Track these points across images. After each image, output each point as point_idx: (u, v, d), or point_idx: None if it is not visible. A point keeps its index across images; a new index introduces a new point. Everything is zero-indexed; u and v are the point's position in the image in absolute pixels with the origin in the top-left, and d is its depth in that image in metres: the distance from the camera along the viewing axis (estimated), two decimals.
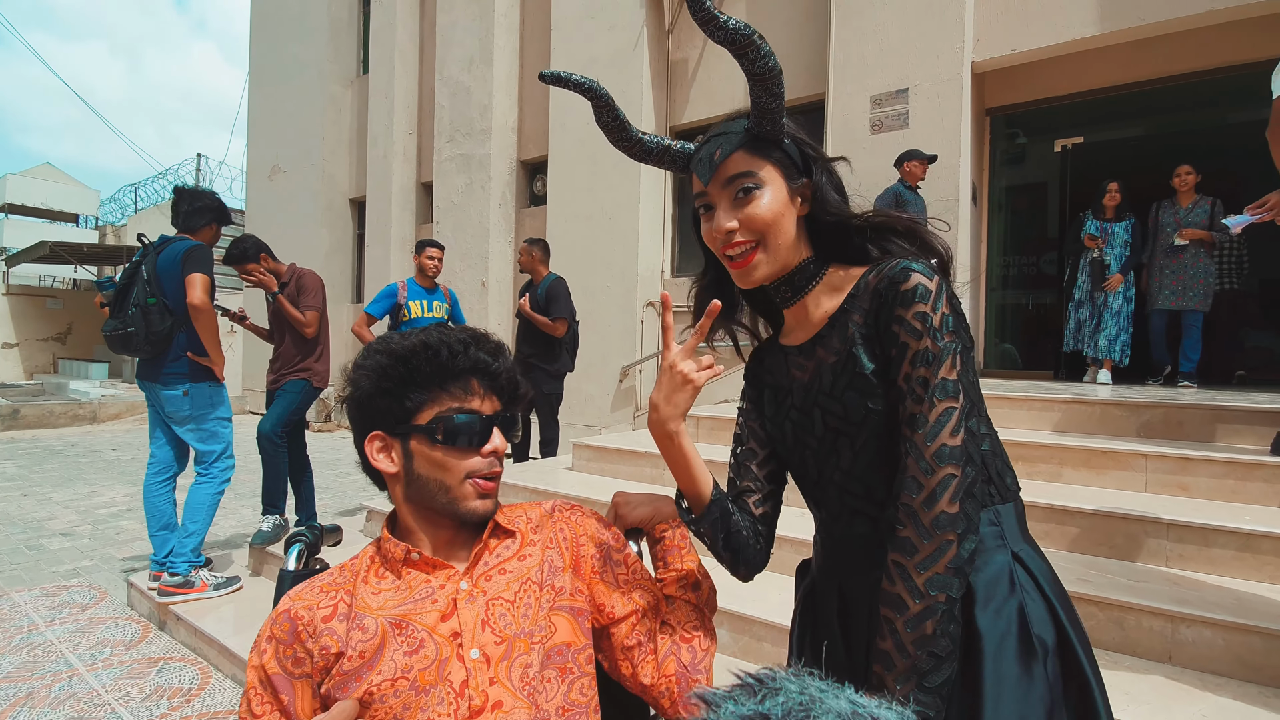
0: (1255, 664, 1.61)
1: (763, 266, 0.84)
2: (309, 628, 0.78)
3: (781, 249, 0.83)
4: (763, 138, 0.82)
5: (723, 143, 0.83)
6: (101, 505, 5.00)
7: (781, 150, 0.83)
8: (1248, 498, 2.17)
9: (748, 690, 0.39)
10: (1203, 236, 4.33)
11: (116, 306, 2.82)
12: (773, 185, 0.82)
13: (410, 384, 0.83)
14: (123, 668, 2.49)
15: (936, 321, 0.74)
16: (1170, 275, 4.44)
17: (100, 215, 21.04)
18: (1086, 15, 4.22)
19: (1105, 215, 4.65)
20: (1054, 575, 0.81)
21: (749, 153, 0.82)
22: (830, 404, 0.83)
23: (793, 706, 0.37)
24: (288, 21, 10.17)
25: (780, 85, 0.78)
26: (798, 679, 0.39)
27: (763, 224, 0.81)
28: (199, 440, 2.94)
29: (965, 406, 0.74)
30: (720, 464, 3.06)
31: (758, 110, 0.80)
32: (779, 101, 0.79)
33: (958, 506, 0.71)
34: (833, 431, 0.84)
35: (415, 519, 0.86)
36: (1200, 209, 4.39)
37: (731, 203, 0.82)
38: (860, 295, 0.82)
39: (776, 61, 0.77)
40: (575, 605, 0.86)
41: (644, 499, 1.02)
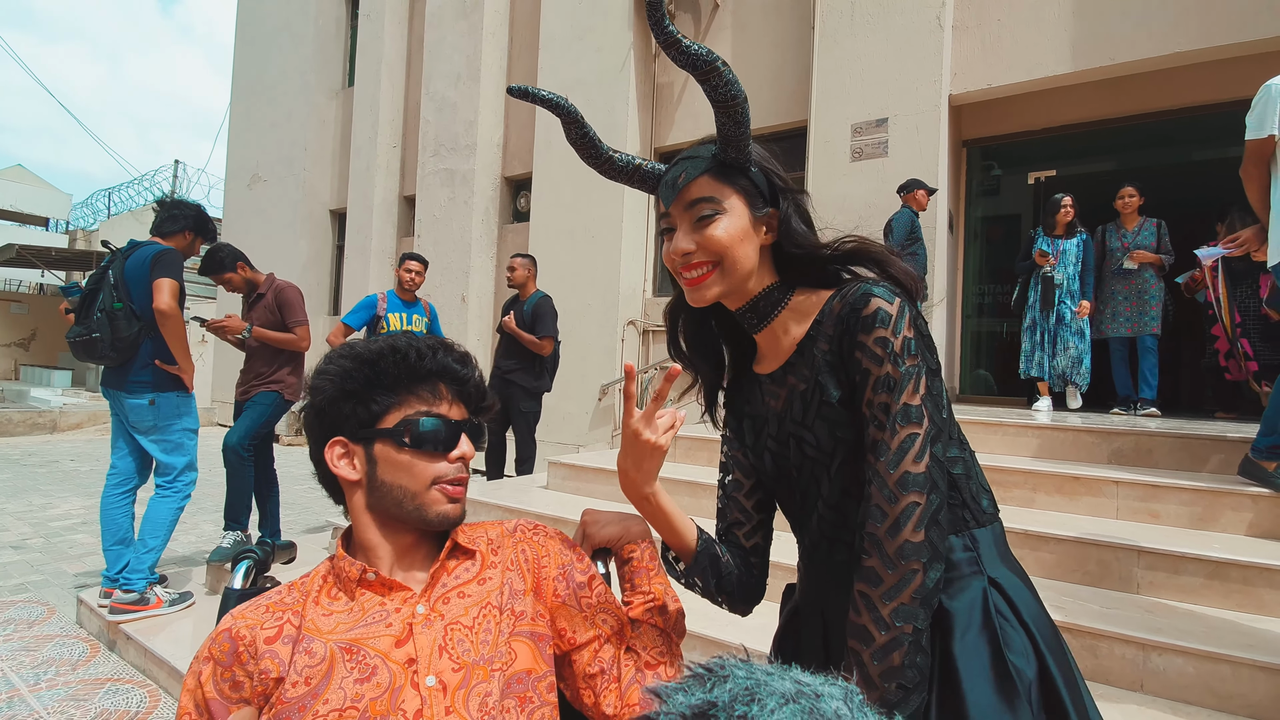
0: (1225, 693, 1.61)
1: (715, 286, 0.83)
2: (250, 648, 0.73)
3: (738, 273, 0.83)
4: (729, 164, 0.82)
5: (688, 166, 0.83)
6: (56, 518, 4.81)
7: (748, 178, 0.83)
8: (1216, 525, 2.20)
9: (698, 680, 0.40)
10: (1153, 260, 4.24)
11: (82, 312, 2.73)
12: (734, 212, 0.82)
13: (376, 387, 0.81)
14: (67, 688, 2.36)
15: (898, 346, 0.74)
16: (1123, 300, 4.34)
17: (71, 219, 20.60)
18: (1059, 54, 4.35)
19: (1057, 231, 4.52)
20: (1037, 602, 0.80)
21: (713, 178, 0.82)
22: (803, 434, 0.83)
23: (739, 691, 0.37)
24: (274, 31, 10.14)
25: (743, 113, 0.78)
26: (745, 665, 0.40)
27: (720, 247, 0.81)
28: (163, 452, 2.84)
29: (929, 431, 0.72)
30: (699, 484, 3.03)
31: (723, 137, 0.80)
32: (743, 130, 0.79)
33: (922, 535, 0.70)
34: (810, 460, 0.83)
35: (376, 529, 0.82)
36: (1147, 230, 4.32)
37: (691, 226, 0.82)
38: (825, 321, 0.81)
39: (740, 89, 0.77)
40: (536, 630, 0.82)
41: (613, 518, 0.99)
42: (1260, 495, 2.17)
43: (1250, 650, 1.62)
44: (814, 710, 0.36)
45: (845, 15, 4.81)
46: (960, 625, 0.74)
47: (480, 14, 7.06)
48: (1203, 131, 4.94)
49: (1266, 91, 2.25)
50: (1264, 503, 2.16)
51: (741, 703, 0.37)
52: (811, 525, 0.85)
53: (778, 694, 0.37)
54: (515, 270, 4.07)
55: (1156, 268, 4.25)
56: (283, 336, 3.23)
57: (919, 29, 4.56)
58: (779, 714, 0.36)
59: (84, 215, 19.05)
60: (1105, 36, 4.20)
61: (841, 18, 4.83)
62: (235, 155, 10.80)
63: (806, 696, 0.37)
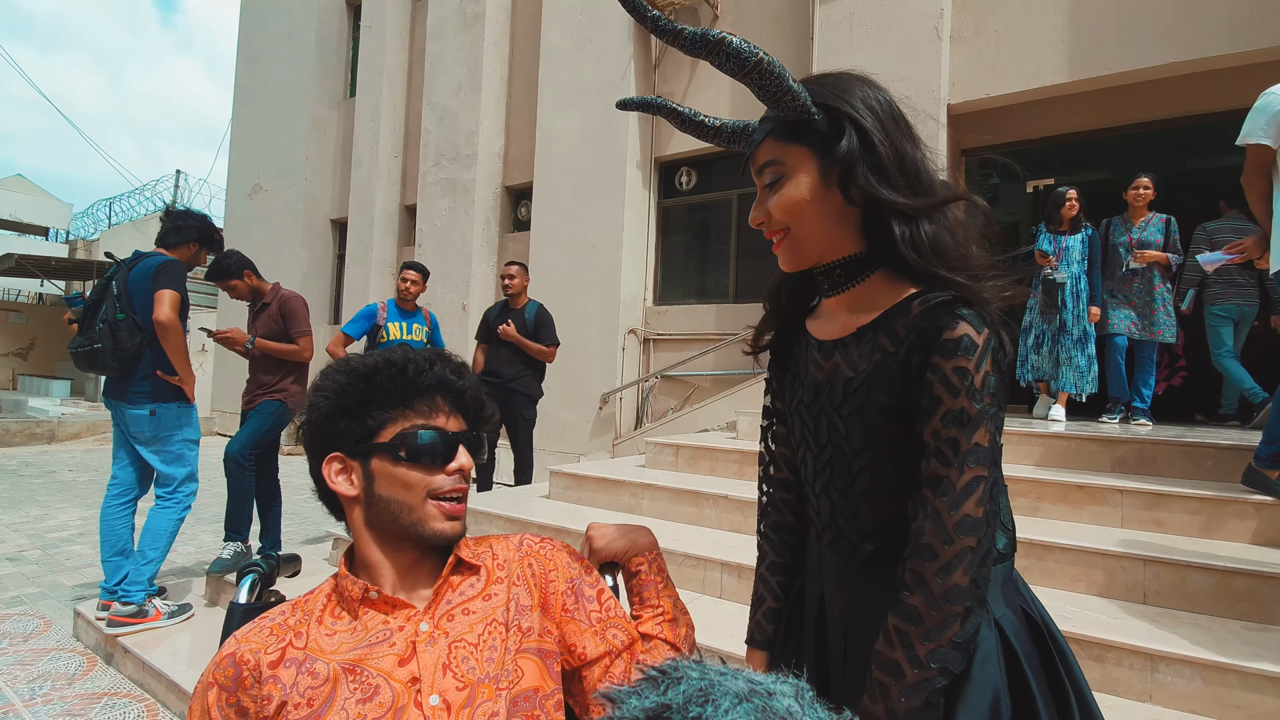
0: (1233, 703, 1.59)
1: (786, 254, 0.81)
2: (254, 673, 0.72)
3: (808, 239, 0.79)
4: (792, 121, 0.77)
5: (759, 129, 0.81)
6: (53, 529, 4.78)
7: (816, 129, 0.76)
8: (1221, 534, 2.19)
9: (652, 683, 0.40)
10: (1159, 259, 3.90)
11: (85, 323, 2.73)
12: (800, 172, 0.77)
13: (372, 402, 0.80)
14: (63, 703, 2.34)
15: (978, 381, 0.69)
16: (1125, 301, 4.01)
17: (72, 229, 20.62)
18: (1056, 63, 4.38)
19: (1061, 227, 4.17)
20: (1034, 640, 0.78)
21: (776, 139, 0.78)
22: (835, 419, 0.80)
23: (693, 693, 0.38)
24: (275, 41, 10.20)
25: (766, 74, 0.73)
26: (699, 666, 0.41)
27: (784, 213, 0.78)
28: (164, 463, 2.83)
29: (993, 476, 0.70)
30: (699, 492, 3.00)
31: (764, 101, 0.76)
32: (776, 87, 0.73)
33: (969, 580, 0.68)
34: (832, 445, 0.81)
35: (376, 545, 0.81)
36: (1154, 227, 3.98)
37: (763, 191, 0.81)
38: (897, 318, 0.75)
39: (754, 52, 0.72)
40: (544, 647, 0.81)
41: (619, 531, 0.97)
42: (1264, 503, 2.16)
43: (1258, 660, 1.61)
44: (766, 709, 0.37)
45: (844, 26, 4.85)
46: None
47: (481, 26, 7.11)
48: (1197, 140, 4.97)
49: (1267, 98, 2.25)
50: (1268, 510, 2.15)
51: (695, 704, 0.37)
52: (824, 508, 0.84)
53: (731, 694, 0.37)
54: (515, 278, 4.01)
55: (1163, 268, 3.93)
56: (285, 348, 3.22)
57: (917, 39, 4.60)
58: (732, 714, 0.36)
59: (85, 225, 19.07)
60: (1100, 46, 4.23)
61: (840, 29, 4.86)
62: (237, 165, 10.84)
63: (759, 695, 0.38)
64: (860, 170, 0.74)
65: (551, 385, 6.20)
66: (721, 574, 2.38)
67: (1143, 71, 4.17)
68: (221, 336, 3.21)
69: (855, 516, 0.80)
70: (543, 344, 3.98)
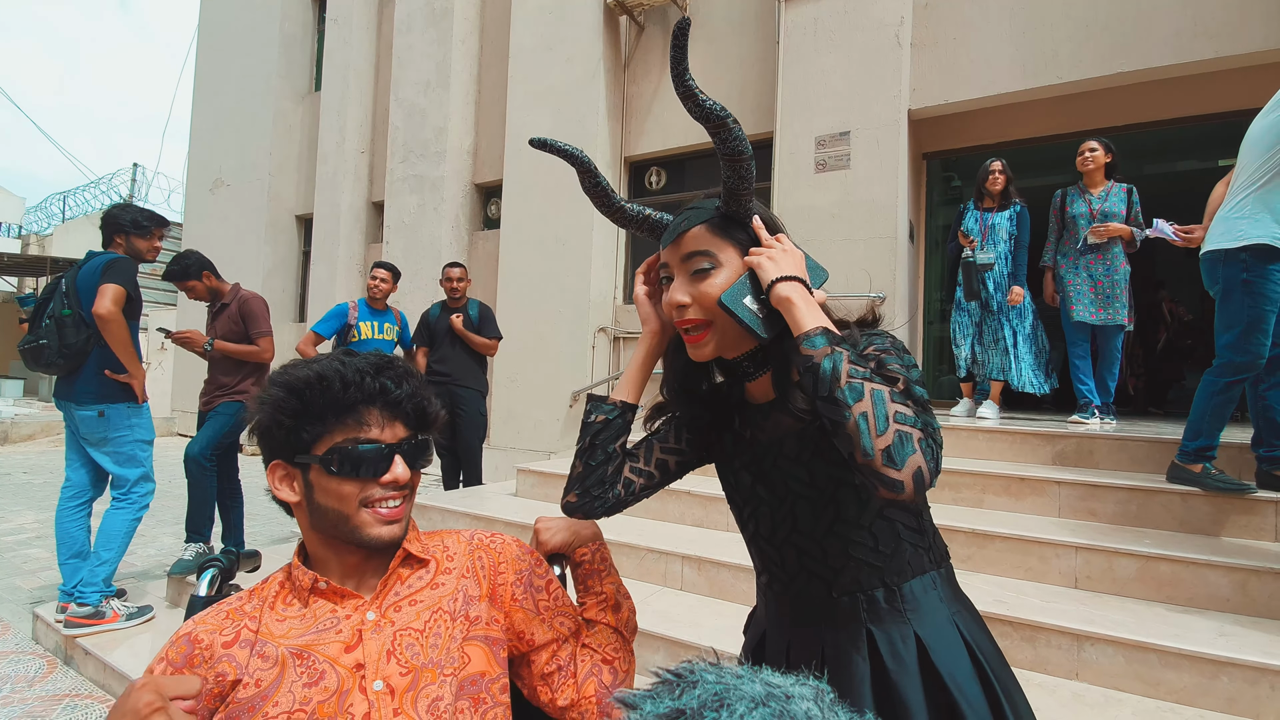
0: (1153, 680, 1.71)
1: (709, 345, 0.84)
2: (206, 651, 0.76)
3: (731, 331, 0.83)
4: (730, 218, 0.84)
5: (689, 216, 0.85)
6: (8, 532, 4.66)
7: (748, 234, 0.84)
8: (1149, 523, 2.33)
9: (667, 686, 0.40)
10: (1122, 233, 3.48)
11: (34, 321, 2.68)
12: (729, 266, 0.82)
13: (305, 416, 0.82)
14: (23, 705, 2.31)
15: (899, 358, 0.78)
16: (1087, 281, 3.56)
17: (24, 224, 19.86)
18: (1011, 71, 4.54)
19: (987, 203, 3.89)
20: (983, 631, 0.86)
21: (711, 231, 0.83)
22: (794, 469, 0.84)
23: (708, 698, 0.37)
24: (238, 33, 9.98)
25: (749, 169, 0.80)
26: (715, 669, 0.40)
27: (711, 303, 0.82)
28: (116, 464, 2.79)
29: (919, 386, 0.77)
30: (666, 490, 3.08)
31: (726, 189, 0.82)
32: (747, 185, 0.81)
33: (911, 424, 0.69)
34: (793, 495, 0.85)
35: (322, 546, 0.85)
36: (1116, 196, 3.58)
37: (688, 278, 0.84)
38: None
39: (747, 146, 0.80)
40: (490, 634, 0.86)
41: (563, 524, 1.03)
42: (1190, 494, 2.30)
43: (1176, 640, 1.73)
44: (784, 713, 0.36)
45: (808, 32, 4.95)
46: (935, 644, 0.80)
47: (450, 22, 7.06)
48: (1147, 147, 5.20)
49: None
50: (1193, 500, 2.29)
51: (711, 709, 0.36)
52: (789, 557, 0.87)
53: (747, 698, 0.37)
54: (462, 281, 4.05)
55: (1126, 242, 3.54)
56: (244, 349, 3.20)
57: (879, 46, 4.72)
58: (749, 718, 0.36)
59: (37, 219, 18.38)
60: (1052, 56, 4.40)
61: (805, 34, 4.96)
62: (197, 158, 10.58)
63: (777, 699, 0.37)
64: None
65: (521, 383, 6.23)
66: (682, 566, 2.45)
67: (1094, 80, 4.35)
68: (180, 337, 3.16)
69: (825, 554, 0.84)
70: (486, 338, 4.03)
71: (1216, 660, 1.65)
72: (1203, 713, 1.63)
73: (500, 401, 6.31)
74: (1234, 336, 2.18)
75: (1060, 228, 3.73)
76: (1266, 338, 2.13)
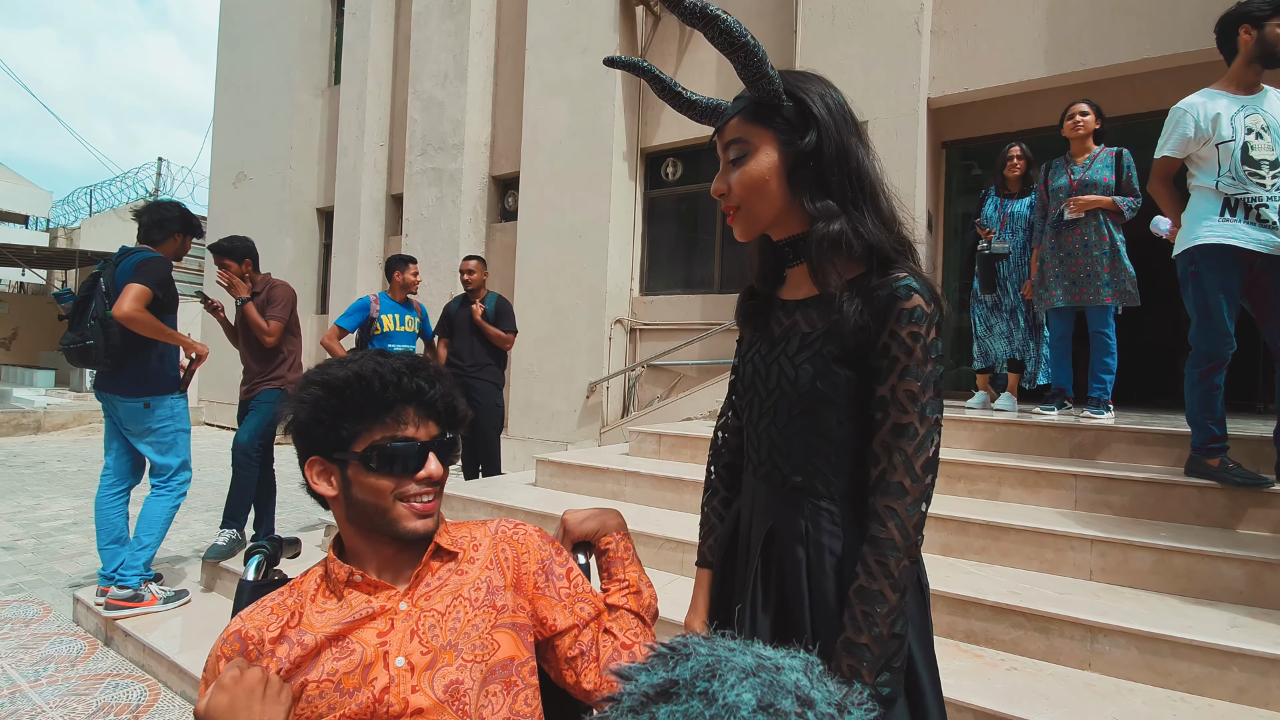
0: (1165, 670, 1.73)
1: (739, 226, 0.90)
2: (258, 647, 0.82)
3: (759, 214, 0.88)
4: (763, 103, 0.85)
5: (731, 107, 0.89)
6: (46, 518, 4.83)
7: (783, 115, 0.85)
8: (1166, 515, 2.33)
9: (661, 659, 0.41)
10: (1104, 204, 3.09)
11: (75, 319, 2.78)
12: (762, 153, 0.85)
13: (344, 415, 0.85)
14: (68, 684, 2.43)
15: (929, 344, 0.81)
16: (1064, 260, 3.20)
17: (52, 217, 20.30)
18: (1033, 59, 4.49)
19: (1009, 189, 3.69)
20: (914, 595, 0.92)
21: (745, 119, 0.86)
22: (786, 366, 0.90)
23: (700, 668, 0.39)
24: (258, 27, 10.09)
25: (750, 53, 0.80)
26: (708, 642, 0.41)
27: (742, 188, 0.86)
28: (158, 453, 2.91)
29: (938, 428, 0.82)
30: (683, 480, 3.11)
31: (742, 78, 0.83)
32: (757, 70, 0.81)
33: (926, 511, 0.81)
34: (779, 390, 0.90)
35: (358, 538, 0.89)
36: (1102, 163, 3.20)
37: (728, 165, 0.88)
38: (856, 289, 0.84)
39: (741, 33, 0.79)
40: (517, 621, 0.91)
41: (590, 514, 1.08)
42: (1207, 487, 2.30)
43: (1189, 631, 1.75)
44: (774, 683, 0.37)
45: (826, 20, 4.92)
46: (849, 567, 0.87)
47: (467, 14, 7.09)
48: None
49: (1175, 114, 2.43)
50: (1210, 494, 2.29)
51: (703, 679, 0.38)
52: (763, 446, 0.94)
53: (738, 669, 0.38)
54: (474, 273, 4.13)
55: (1113, 214, 3.13)
56: (259, 320, 3.28)
57: (898, 34, 4.68)
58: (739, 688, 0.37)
59: (65, 213, 18.78)
60: (1076, 42, 4.34)
61: (822, 22, 4.93)
62: (220, 152, 10.75)
63: (767, 670, 0.38)
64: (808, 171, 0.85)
65: (540, 374, 6.30)
66: None
67: (1118, 67, 4.28)
68: (228, 280, 3.28)
69: (789, 452, 0.91)
70: (503, 331, 4.10)
71: (1227, 651, 1.67)
72: (1212, 702, 1.65)
73: (518, 392, 6.39)
74: (1194, 327, 2.32)
75: (1044, 205, 3.42)
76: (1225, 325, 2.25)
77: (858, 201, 0.85)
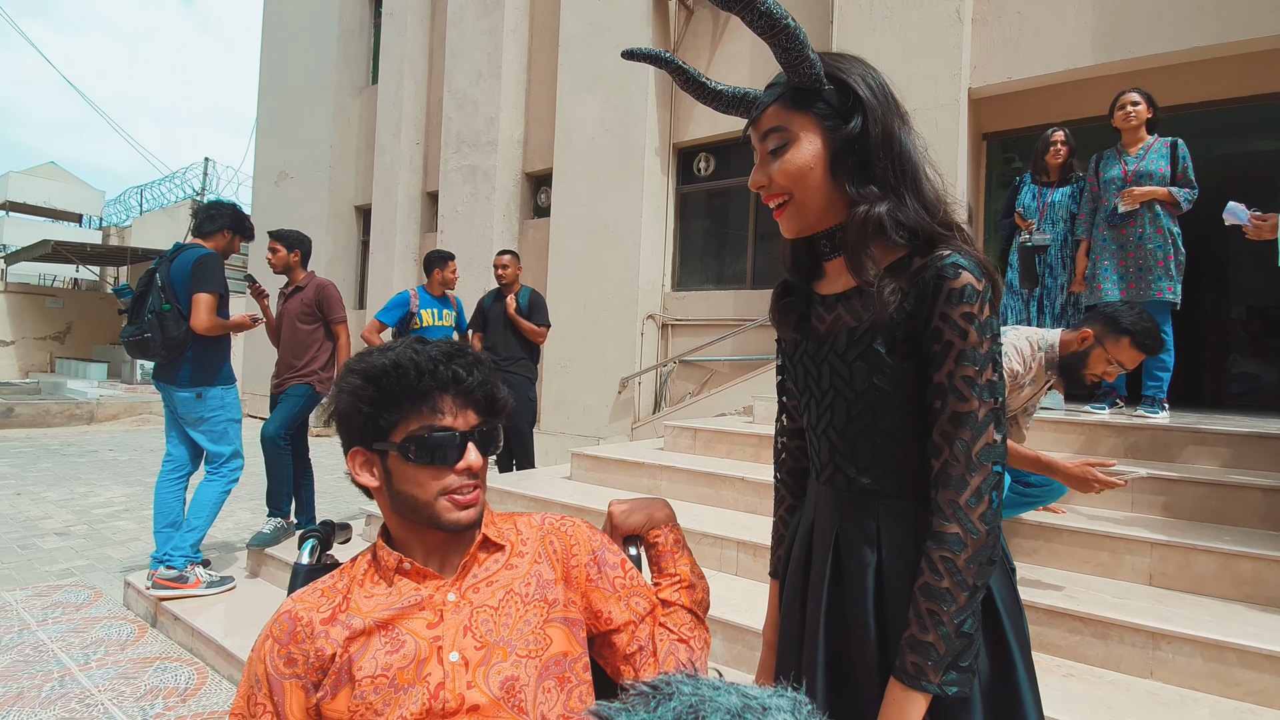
0: (1231, 680, 1.65)
1: (788, 221, 0.85)
2: (307, 629, 0.81)
3: (809, 204, 0.83)
4: (802, 88, 0.81)
5: (764, 96, 0.84)
6: (98, 505, 5.01)
7: (824, 100, 0.81)
8: (1229, 518, 2.22)
9: (643, 699, 0.39)
10: (1160, 195, 3.01)
11: (134, 313, 2.91)
12: (806, 139, 0.81)
13: (382, 404, 0.83)
14: (117, 667, 2.49)
15: (983, 324, 0.76)
16: (1116, 253, 3.11)
17: (105, 216, 21.12)
18: (1080, 47, 4.33)
19: (1050, 177, 3.53)
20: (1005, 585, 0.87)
21: (784, 106, 0.82)
22: (839, 365, 0.85)
23: (683, 710, 0.37)
24: (299, 30, 10.32)
25: (790, 38, 0.77)
26: (691, 681, 0.40)
27: (786, 179, 0.82)
28: (211, 441, 3.02)
29: (1001, 409, 0.77)
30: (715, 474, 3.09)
31: (781, 63, 0.80)
32: (796, 54, 0.78)
33: (995, 501, 0.75)
34: (834, 389, 0.86)
35: (404, 529, 0.88)
36: (1156, 154, 3.12)
37: (766, 157, 0.84)
38: (899, 273, 0.80)
39: (781, 15, 0.76)
40: (569, 616, 0.89)
41: (638, 505, 1.05)
42: (1273, 489, 2.19)
43: (1256, 639, 1.66)
44: None
45: (863, 9, 4.82)
46: None
47: (501, 12, 7.14)
48: (1225, 125, 4.88)
49: None
50: (1276, 497, 2.18)
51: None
52: (823, 448, 0.89)
53: (723, 709, 0.36)
54: (507, 268, 4.14)
55: (1170, 205, 3.04)
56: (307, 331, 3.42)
57: (938, 22, 4.56)
58: None
59: (116, 212, 19.54)
60: (1124, 30, 4.17)
61: (860, 12, 4.83)
62: (263, 152, 11.03)
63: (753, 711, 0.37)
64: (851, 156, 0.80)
65: (572, 369, 6.32)
66: (737, 552, 2.47)
67: (1168, 55, 4.11)
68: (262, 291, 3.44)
69: (853, 454, 0.86)
70: (535, 324, 4.11)
71: None
72: None
73: (550, 387, 6.42)
74: None
75: (1096, 197, 3.29)
76: None
77: (900, 187, 0.81)
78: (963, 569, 0.74)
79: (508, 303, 4.09)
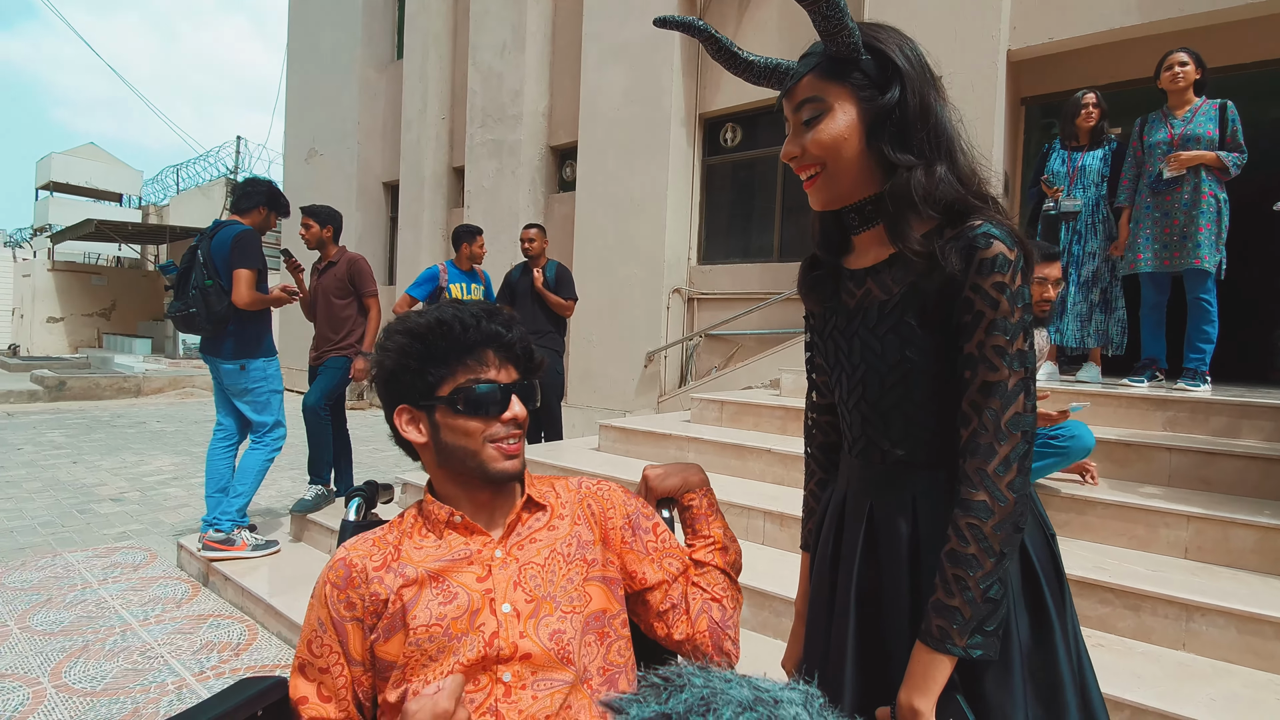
0: (1266, 653, 1.64)
1: (823, 191, 0.84)
2: (361, 574, 0.86)
3: (842, 176, 0.83)
4: (839, 58, 0.80)
5: (798, 66, 0.83)
6: (149, 473, 5.24)
7: (860, 70, 0.80)
8: (1270, 493, 2.18)
9: (654, 690, 0.39)
10: (1207, 160, 2.90)
11: (179, 289, 3.01)
12: (840, 111, 0.80)
13: (429, 360, 0.87)
14: (174, 623, 2.65)
15: (1014, 293, 0.76)
16: (1160, 220, 3.01)
17: (143, 195, 21.65)
18: (1125, 4, 4.13)
19: (1080, 141, 3.41)
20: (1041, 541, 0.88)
21: (819, 76, 0.81)
22: (870, 339, 0.86)
23: (694, 701, 0.37)
24: (324, 6, 10.33)
25: (831, 5, 0.76)
26: (703, 673, 0.40)
27: (820, 149, 0.81)
28: (255, 411, 3.15)
29: (1030, 379, 0.77)
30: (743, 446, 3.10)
31: (820, 31, 0.79)
32: (835, 22, 0.77)
33: (1024, 470, 0.76)
34: (865, 363, 0.87)
35: (451, 484, 0.92)
36: (1204, 117, 2.99)
37: (799, 128, 0.83)
38: (930, 241, 0.80)
39: None
40: (607, 575, 0.93)
41: (673, 469, 1.08)
42: None
43: None
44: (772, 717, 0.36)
45: None
46: None
47: None
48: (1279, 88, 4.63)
49: None
50: None
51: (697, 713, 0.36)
52: (855, 422, 0.90)
53: (734, 702, 0.37)
54: (534, 241, 4.16)
55: (1218, 170, 2.94)
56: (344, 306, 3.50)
57: None
58: None
59: (154, 191, 20.00)
60: None
61: None
62: (292, 130, 11.15)
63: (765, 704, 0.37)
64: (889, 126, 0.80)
65: (599, 343, 6.36)
66: (764, 522, 2.50)
67: (1219, 13, 3.90)
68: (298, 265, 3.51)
69: (886, 426, 0.87)
70: (562, 298, 4.13)
71: None
72: None
73: (577, 361, 6.47)
74: None
75: (1139, 162, 3.18)
76: None
77: (935, 158, 0.81)
78: (989, 535, 0.75)
79: (535, 276, 4.11)
